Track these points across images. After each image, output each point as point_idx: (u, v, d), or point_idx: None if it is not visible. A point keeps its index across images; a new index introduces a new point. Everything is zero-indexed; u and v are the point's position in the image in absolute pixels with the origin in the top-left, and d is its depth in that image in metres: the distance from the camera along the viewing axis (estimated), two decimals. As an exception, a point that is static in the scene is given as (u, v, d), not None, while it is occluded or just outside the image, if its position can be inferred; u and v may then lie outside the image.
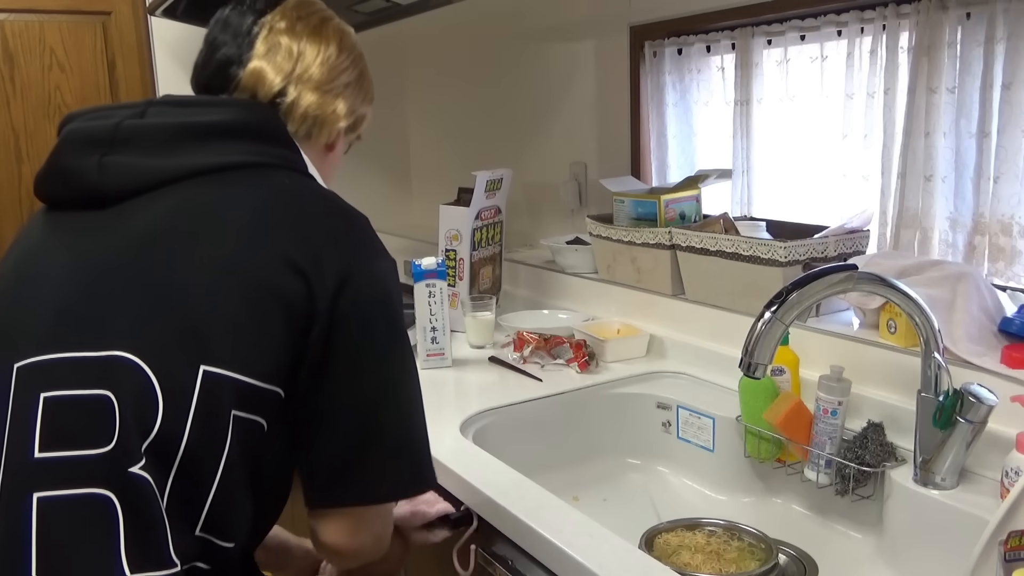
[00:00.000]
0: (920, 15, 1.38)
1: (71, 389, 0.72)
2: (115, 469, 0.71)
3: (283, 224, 0.82)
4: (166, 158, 0.82)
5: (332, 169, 1.03)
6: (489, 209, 1.97)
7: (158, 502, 0.72)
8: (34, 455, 0.70)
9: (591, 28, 2.09)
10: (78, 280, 0.78)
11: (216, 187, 0.83)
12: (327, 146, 0.99)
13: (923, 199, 1.43)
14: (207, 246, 0.79)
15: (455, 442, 1.30)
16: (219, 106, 0.88)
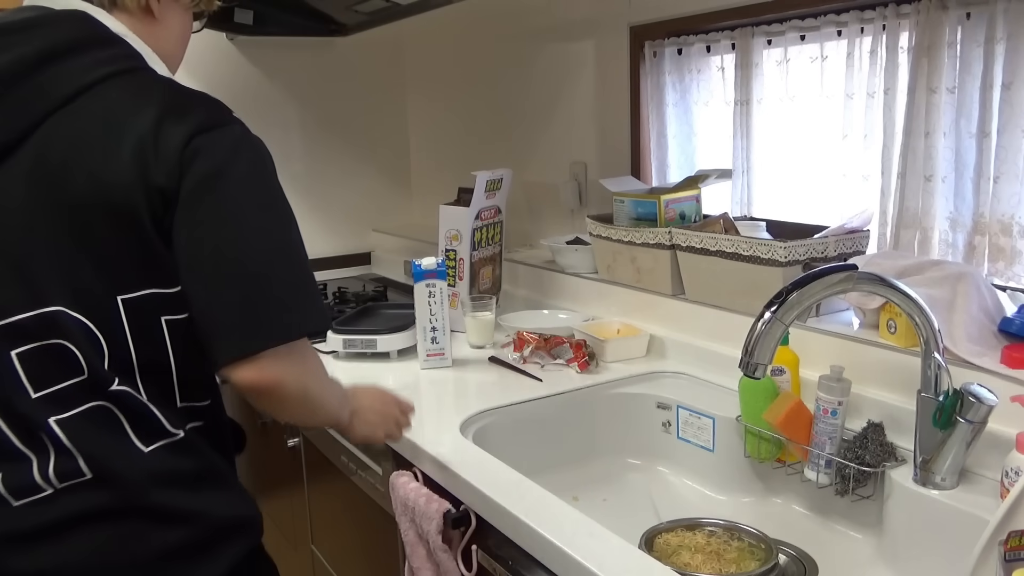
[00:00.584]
0: (920, 15, 1.38)
1: (33, 343, 0.87)
2: (98, 388, 0.88)
3: (120, 142, 0.86)
4: (20, 108, 0.87)
5: (173, 37, 1.02)
6: (489, 209, 1.98)
7: (142, 401, 0.90)
8: (32, 396, 0.87)
9: (591, 28, 2.09)
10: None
11: (64, 124, 0.87)
12: (142, 10, 0.97)
13: (923, 199, 1.43)
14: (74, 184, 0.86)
15: (455, 442, 1.30)
16: (34, 27, 0.89)
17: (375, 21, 2.38)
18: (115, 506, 0.89)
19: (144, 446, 0.90)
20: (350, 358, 1.77)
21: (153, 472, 0.90)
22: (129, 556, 0.89)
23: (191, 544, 0.92)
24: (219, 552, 0.94)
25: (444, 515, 1.19)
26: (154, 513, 0.90)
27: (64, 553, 0.88)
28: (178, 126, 0.87)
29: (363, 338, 1.75)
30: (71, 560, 0.88)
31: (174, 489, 0.91)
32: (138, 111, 0.88)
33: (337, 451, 1.69)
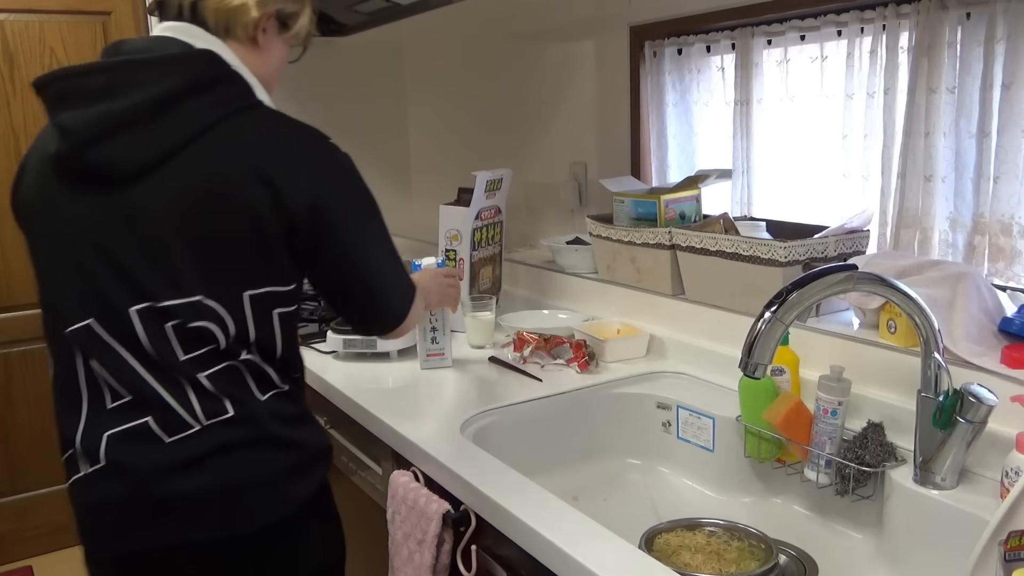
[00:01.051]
0: (920, 15, 1.38)
1: (185, 322, 1.08)
2: (230, 355, 1.11)
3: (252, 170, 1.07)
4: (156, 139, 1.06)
5: (269, 65, 1.21)
6: (489, 209, 1.97)
7: (260, 364, 1.14)
8: (180, 358, 1.09)
9: (591, 28, 2.09)
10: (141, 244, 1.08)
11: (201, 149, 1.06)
12: (250, 40, 1.17)
13: (923, 199, 1.43)
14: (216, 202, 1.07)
15: (455, 442, 1.30)
16: (171, 64, 1.07)
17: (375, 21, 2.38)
18: (248, 437, 1.11)
19: (261, 395, 1.13)
20: (350, 358, 1.77)
21: (271, 412, 1.13)
22: (258, 473, 1.11)
23: (295, 466, 1.15)
24: (313, 472, 1.19)
25: (444, 515, 1.19)
26: (275, 442, 1.13)
27: (213, 473, 1.09)
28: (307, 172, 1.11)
29: (363, 338, 1.75)
30: (219, 477, 1.09)
31: (285, 424, 1.15)
32: (267, 152, 1.09)
33: (337, 451, 1.69)
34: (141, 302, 1.07)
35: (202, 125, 1.07)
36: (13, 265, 2.74)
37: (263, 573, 1.16)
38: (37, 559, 2.88)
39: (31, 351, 2.80)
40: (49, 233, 1.14)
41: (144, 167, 1.06)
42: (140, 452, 1.08)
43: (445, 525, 1.20)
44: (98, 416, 1.10)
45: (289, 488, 1.15)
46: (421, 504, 1.23)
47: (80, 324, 1.10)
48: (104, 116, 1.04)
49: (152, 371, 1.09)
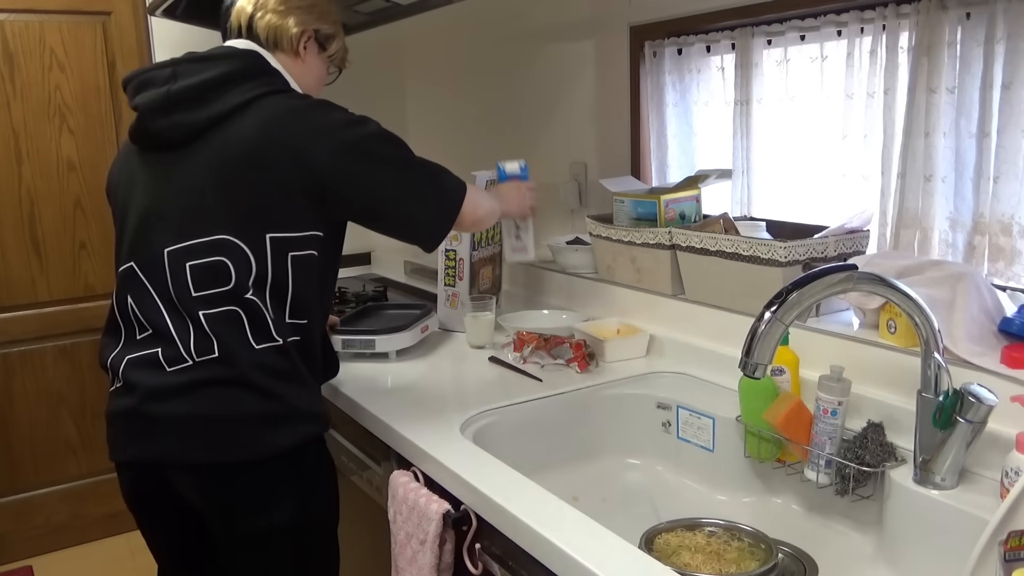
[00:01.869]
0: (920, 15, 1.38)
1: (203, 259, 1.28)
2: (236, 296, 1.28)
3: (280, 136, 1.28)
4: (206, 107, 1.30)
5: (312, 77, 1.46)
6: None
7: (263, 310, 1.30)
8: (193, 294, 1.29)
9: (591, 28, 2.09)
10: (181, 194, 1.31)
11: (240, 120, 1.30)
12: (293, 52, 1.42)
13: (923, 199, 1.43)
14: (248, 162, 1.28)
15: (455, 442, 1.30)
16: (221, 59, 1.34)
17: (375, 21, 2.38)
18: (230, 377, 1.28)
19: (256, 344, 1.29)
20: (349, 358, 1.76)
21: (258, 362, 1.29)
22: (236, 412, 1.28)
23: (274, 415, 1.30)
24: (292, 427, 1.32)
25: (444, 515, 1.20)
26: (255, 388, 1.28)
27: (195, 403, 1.27)
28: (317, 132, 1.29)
29: (361, 338, 1.75)
30: (199, 408, 1.27)
31: (270, 377, 1.29)
32: (288, 115, 1.30)
33: (337, 451, 1.69)
34: (173, 244, 1.30)
35: (240, 102, 1.30)
36: (13, 265, 2.74)
37: (235, 510, 1.32)
38: (37, 559, 2.88)
39: (31, 351, 2.80)
40: (125, 196, 1.39)
41: (191, 135, 1.30)
42: (146, 375, 1.30)
43: (445, 525, 1.20)
44: (128, 345, 1.34)
45: (259, 434, 1.29)
46: (421, 504, 1.23)
47: (125, 266, 1.35)
48: (165, 96, 1.31)
49: (168, 308, 1.31)
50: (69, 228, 2.79)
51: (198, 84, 1.30)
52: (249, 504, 1.31)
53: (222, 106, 1.30)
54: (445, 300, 1.97)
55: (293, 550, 1.37)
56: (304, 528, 1.37)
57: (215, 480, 1.29)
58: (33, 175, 2.72)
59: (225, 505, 1.31)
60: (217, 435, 1.28)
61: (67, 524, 2.93)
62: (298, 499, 1.35)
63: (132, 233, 1.35)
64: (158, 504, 1.38)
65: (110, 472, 2.98)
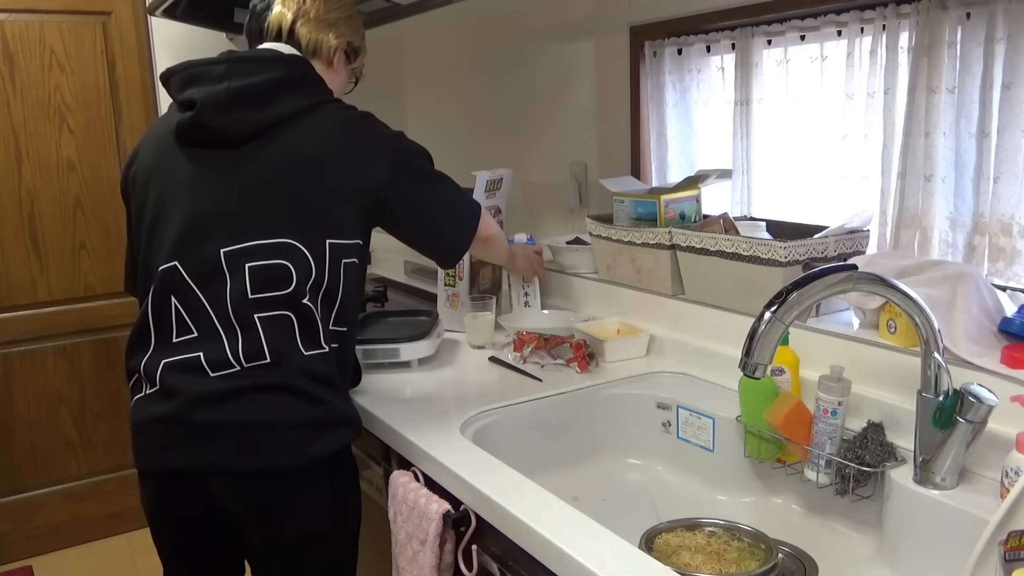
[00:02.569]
0: (920, 15, 1.38)
1: (264, 260, 1.28)
2: (293, 300, 1.29)
3: (342, 146, 1.33)
4: (260, 110, 1.31)
5: (336, 81, 1.49)
6: (489, 209, 1.97)
7: (316, 316, 1.31)
8: (249, 296, 1.27)
9: (591, 28, 2.09)
10: (243, 195, 1.30)
11: (299, 126, 1.32)
12: (328, 62, 1.46)
13: (923, 199, 1.43)
14: (313, 168, 1.30)
15: (455, 442, 1.30)
16: (274, 62, 1.35)
17: (375, 21, 2.38)
18: (278, 383, 1.27)
19: (305, 351, 1.29)
20: (368, 369, 1.70)
21: (306, 368, 1.29)
22: (284, 417, 1.27)
23: (320, 421, 1.30)
24: (332, 433, 1.33)
25: (444, 515, 1.20)
26: (302, 394, 1.28)
27: (240, 409, 1.26)
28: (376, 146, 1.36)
29: (383, 347, 1.67)
30: (244, 414, 1.26)
31: (315, 383, 1.30)
32: (346, 128, 1.35)
33: (337, 451, 1.69)
34: (231, 244, 1.28)
35: (300, 108, 1.33)
36: (13, 265, 2.74)
37: (280, 515, 1.31)
38: (37, 559, 2.88)
39: (31, 351, 2.80)
40: (161, 193, 1.34)
41: (253, 135, 1.30)
42: (188, 380, 1.27)
43: (445, 525, 1.20)
44: (163, 348, 1.30)
45: (306, 440, 1.29)
46: (421, 504, 1.23)
47: (167, 265, 1.30)
48: (227, 92, 1.30)
49: (216, 310, 1.28)
50: (69, 228, 2.79)
51: (257, 84, 1.31)
52: (295, 509, 1.30)
53: (282, 109, 1.31)
54: (445, 300, 1.97)
55: (330, 555, 1.38)
56: (340, 532, 1.38)
57: (260, 486, 1.28)
58: (33, 175, 2.72)
59: (269, 511, 1.30)
60: (264, 441, 1.26)
61: (67, 524, 2.93)
62: (337, 504, 1.36)
63: (177, 233, 1.31)
64: (188, 511, 1.34)
65: (110, 472, 2.98)
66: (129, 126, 2.82)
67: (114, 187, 2.83)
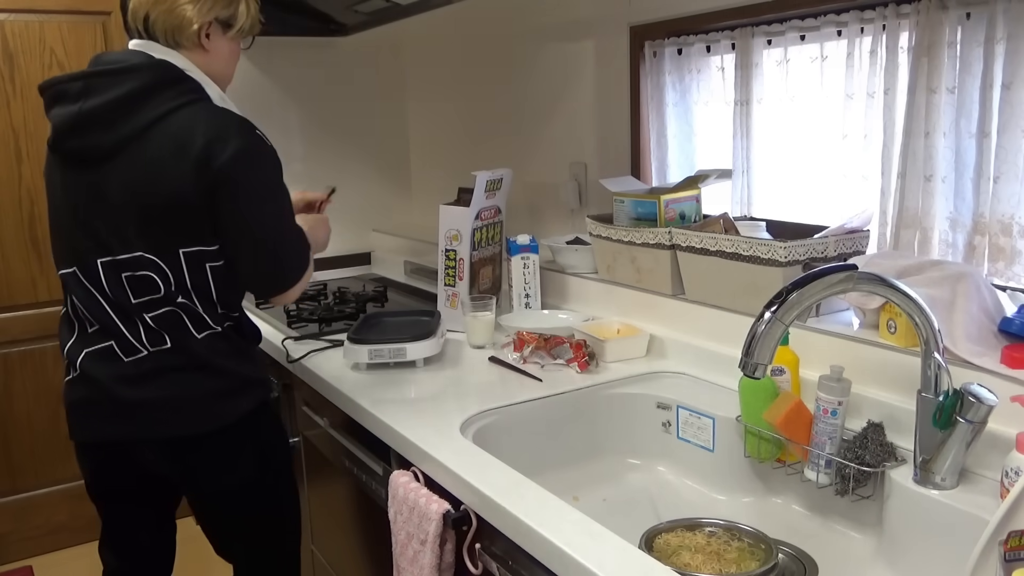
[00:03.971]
0: (920, 15, 1.38)
1: (133, 271, 1.39)
2: (169, 300, 1.40)
3: (186, 155, 1.34)
4: (114, 130, 1.35)
5: (223, 61, 1.49)
6: (489, 209, 1.98)
7: (197, 309, 1.43)
8: (132, 301, 1.40)
9: (591, 28, 2.09)
10: (102, 211, 1.38)
11: (152, 137, 1.35)
12: (195, 45, 1.43)
13: (923, 199, 1.43)
14: (158, 181, 1.35)
15: (455, 442, 1.30)
16: (132, 72, 1.36)
17: (375, 21, 2.38)
18: (183, 363, 1.42)
19: (197, 334, 1.43)
20: (367, 368, 1.70)
21: (204, 347, 1.43)
22: (195, 392, 1.44)
23: (227, 389, 1.46)
24: (242, 395, 1.49)
25: (444, 515, 1.20)
26: (205, 368, 1.44)
27: (157, 388, 1.41)
28: (221, 150, 1.35)
29: (390, 347, 1.67)
30: (163, 391, 1.42)
31: (217, 356, 1.44)
32: (194, 137, 1.34)
33: (337, 451, 1.69)
34: (104, 256, 1.40)
35: (152, 118, 1.35)
36: (13, 265, 2.74)
37: (199, 473, 1.50)
38: (37, 559, 2.88)
39: (31, 351, 2.80)
40: (50, 201, 1.47)
41: (108, 153, 1.36)
42: (104, 366, 1.42)
43: (445, 525, 1.20)
44: (82, 337, 1.45)
45: (219, 406, 1.46)
46: (421, 504, 1.23)
47: (67, 270, 1.44)
48: (77, 115, 1.35)
49: (114, 309, 1.42)
50: (69, 228, 2.79)
51: (111, 102, 1.34)
52: (215, 468, 1.49)
53: (134, 124, 1.34)
54: (445, 300, 1.97)
55: (254, 505, 1.55)
56: (262, 485, 1.55)
57: (183, 449, 1.46)
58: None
59: (192, 470, 1.49)
60: (183, 413, 1.43)
61: (67, 524, 2.93)
62: (256, 460, 1.52)
63: (67, 240, 1.44)
64: (119, 476, 1.55)
65: (110, 472, 2.98)
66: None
67: (114, 187, 2.83)
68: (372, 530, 1.62)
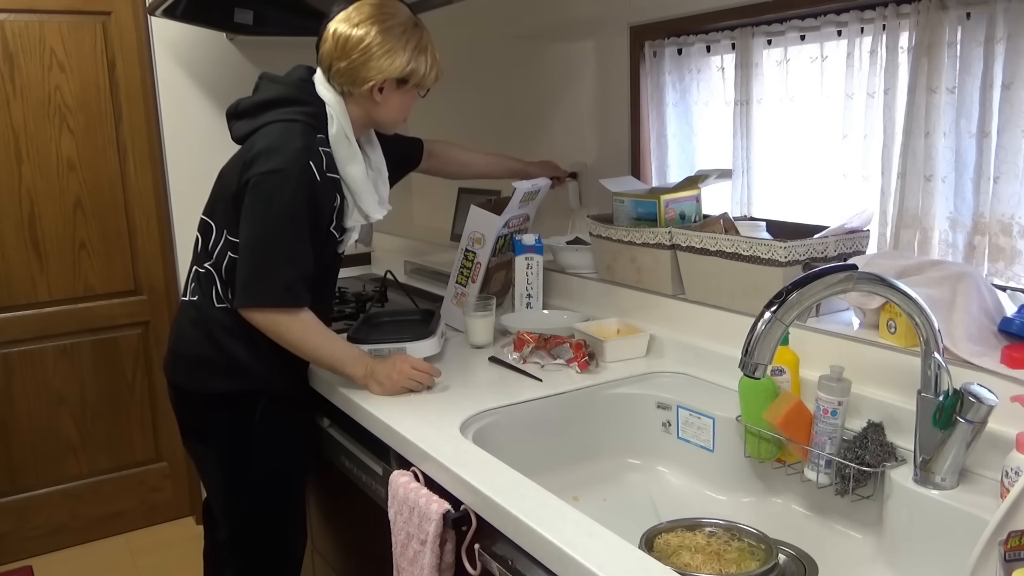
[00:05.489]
0: (920, 15, 1.38)
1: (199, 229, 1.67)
2: (204, 262, 1.64)
3: (240, 159, 1.57)
4: (250, 121, 1.60)
5: (392, 112, 1.64)
6: (519, 217, 1.96)
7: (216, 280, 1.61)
8: (197, 251, 1.66)
9: (591, 28, 2.09)
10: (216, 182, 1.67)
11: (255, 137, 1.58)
12: (368, 98, 1.60)
13: (923, 199, 1.43)
14: (225, 174, 1.63)
15: (455, 442, 1.30)
16: (275, 83, 1.62)
17: (375, 21, 2.38)
18: (195, 319, 1.63)
19: (216, 303, 1.61)
20: None
21: (217, 317, 1.61)
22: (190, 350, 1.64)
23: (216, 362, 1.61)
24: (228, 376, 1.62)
25: (444, 515, 1.20)
26: (209, 335, 1.62)
27: (174, 333, 1.68)
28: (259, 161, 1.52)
29: (390, 347, 1.67)
30: (173, 338, 1.69)
31: (223, 331, 1.60)
32: (253, 145, 1.55)
33: (337, 451, 1.69)
34: (203, 215, 1.67)
35: (261, 124, 1.57)
36: (13, 265, 2.74)
37: (183, 426, 1.71)
38: (37, 559, 2.88)
39: (31, 351, 2.80)
40: None
41: (240, 140, 1.62)
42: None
43: (445, 525, 1.20)
44: None
45: (205, 374, 1.62)
46: (421, 504, 1.23)
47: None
48: (235, 106, 1.64)
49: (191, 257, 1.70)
50: (69, 228, 2.79)
51: (259, 102, 1.60)
52: (193, 428, 1.69)
53: (256, 123, 1.58)
54: (452, 297, 1.96)
55: (232, 479, 1.67)
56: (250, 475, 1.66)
57: (177, 400, 1.69)
58: (33, 175, 2.72)
59: (180, 419, 1.71)
60: (176, 360, 1.65)
61: (67, 524, 2.93)
62: (234, 443, 1.64)
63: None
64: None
65: (110, 472, 2.98)
66: (129, 126, 2.82)
67: (114, 187, 2.83)
68: (372, 530, 1.62)
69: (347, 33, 1.55)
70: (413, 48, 1.58)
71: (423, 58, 1.60)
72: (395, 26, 1.56)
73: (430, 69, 1.62)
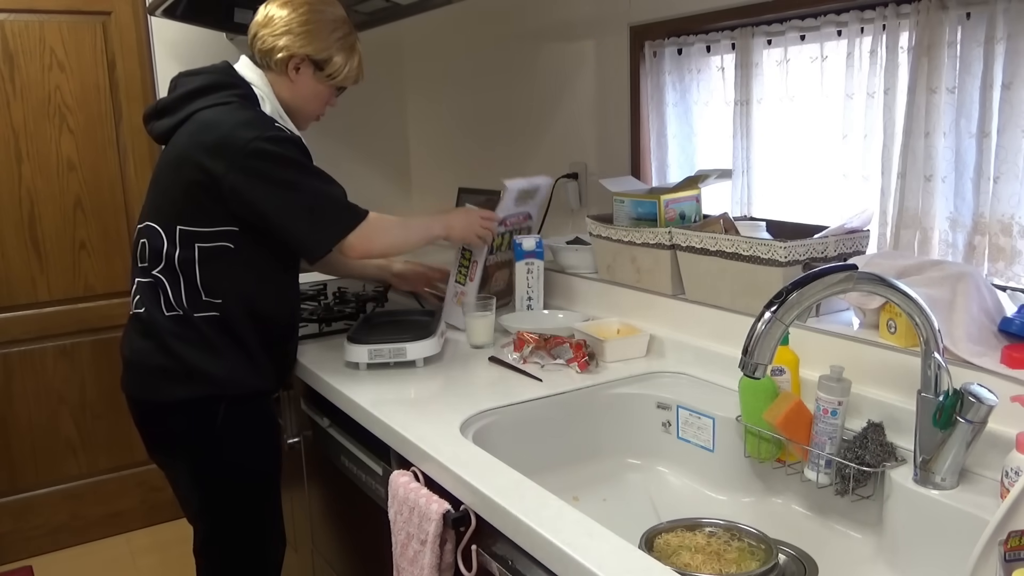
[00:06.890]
0: (920, 15, 1.38)
1: (143, 238, 1.60)
2: (150, 272, 1.59)
3: (196, 144, 1.53)
4: (173, 117, 1.60)
5: (304, 97, 1.66)
6: (517, 215, 1.96)
7: (168, 286, 1.57)
8: (139, 265, 1.62)
9: (591, 28, 2.09)
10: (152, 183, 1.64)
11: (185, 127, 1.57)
12: (284, 74, 1.63)
13: (923, 199, 1.43)
14: (172, 165, 1.57)
15: (455, 442, 1.30)
16: (195, 75, 1.62)
17: (375, 21, 2.38)
18: (144, 332, 1.60)
19: (164, 311, 1.58)
20: (370, 368, 1.70)
21: (167, 326, 1.58)
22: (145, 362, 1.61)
23: (172, 371, 1.58)
24: (186, 383, 1.58)
25: (444, 515, 1.20)
26: (161, 347, 1.58)
27: (126, 346, 1.66)
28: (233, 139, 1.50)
29: (390, 347, 1.67)
30: (126, 350, 1.66)
31: (176, 340, 1.57)
32: (208, 126, 1.53)
33: (337, 451, 1.69)
34: (140, 222, 1.63)
35: (191, 111, 1.57)
36: (13, 265, 2.74)
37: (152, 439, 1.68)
38: (37, 559, 2.88)
39: (31, 351, 2.80)
40: None
41: (163, 139, 1.62)
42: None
43: (445, 525, 1.20)
44: None
45: (162, 383, 1.59)
46: (421, 504, 1.23)
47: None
48: (152, 107, 1.64)
49: (132, 270, 1.65)
50: (69, 228, 2.79)
51: (180, 95, 1.60)
52: (156, 439, 1.67)
53: (180, 116, 1.58)
54: (453, 296, 1.96)
55: (196, 481, 1.65)
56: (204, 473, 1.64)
57: (139, 412, 1.66)
58: (33, 175, 2.72)
59: (146, 433, 1.68)
60: (134, 374, 1.63)
61: (67, 524, 2.93)
62: (199, 448, 1.62)
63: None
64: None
65: (110, 472, 2.98)
66: (129, 126, 2.82)
67: (114, 187, 2.82)
68: (372, 530, 1.62)
69: (276, 13, 1.61)
70: (338, 39, 1.64)
71: (345, 53, 1.65)
72: (325, 14, 1.62)
73: (350, 67, 1.67)
